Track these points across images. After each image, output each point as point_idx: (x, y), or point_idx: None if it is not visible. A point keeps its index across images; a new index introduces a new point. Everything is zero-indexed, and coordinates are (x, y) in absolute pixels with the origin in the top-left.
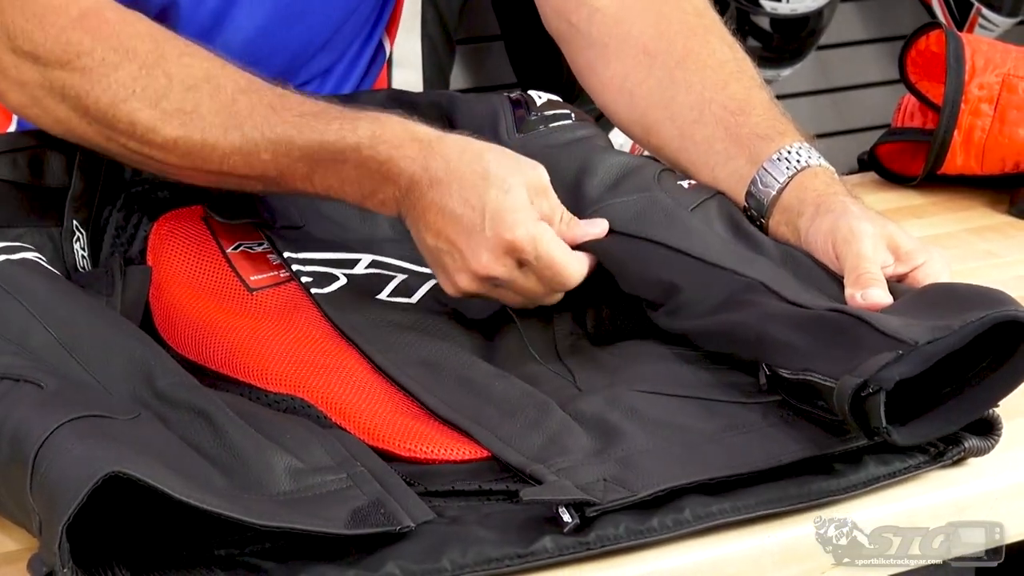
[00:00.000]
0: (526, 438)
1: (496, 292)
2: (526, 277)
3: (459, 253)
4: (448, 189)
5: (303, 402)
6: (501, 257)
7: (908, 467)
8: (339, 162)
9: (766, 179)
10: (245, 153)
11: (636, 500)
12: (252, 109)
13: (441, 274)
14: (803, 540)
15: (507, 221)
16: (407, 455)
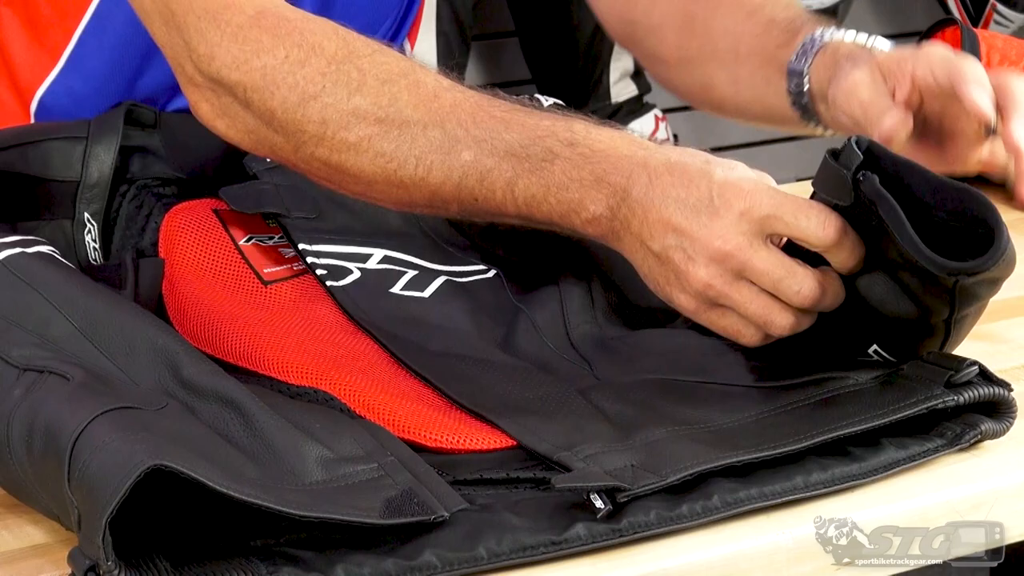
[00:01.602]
0: (550, 426)
1: (734, 296)
2: (770, 256)
3: (689, 239)
4: (672, 180)
5: (326, 395)
6: (740, 223)
7: (927, 450)
8: (547, 162)
9: (795, 80)
10: (445, 152)
11: (666, 484)
12: (455, 105)
13: (673, 282)
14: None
15: (739, 187)
16: (434, 445)
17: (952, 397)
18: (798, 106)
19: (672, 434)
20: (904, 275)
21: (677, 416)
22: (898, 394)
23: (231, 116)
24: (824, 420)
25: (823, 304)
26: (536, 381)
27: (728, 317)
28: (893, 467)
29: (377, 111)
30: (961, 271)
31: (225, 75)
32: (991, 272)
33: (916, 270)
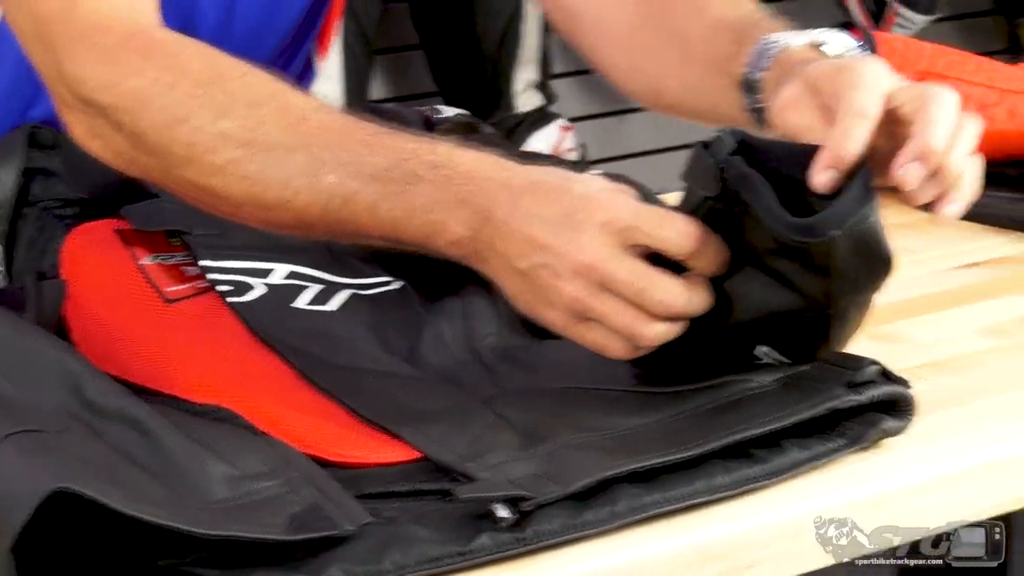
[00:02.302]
0: (454, 437)
1: (600, 309)
2: (632, 267)
3: (554, 254)
4: (533, 198)
5: (230, 412)
6: (601, 236)
7: (829, 450)
8: (411, 184)
9: (750, 93)
10: (310, 175)
11: (570, 492)
12: (322, 128)
13: (541, 299)
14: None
15: (599, 200)
16: (339, 460)
17: (853, 397)
18: (754, 115)
19: (576, 442)
20: (777, 262)
21: (580, 424)
22: (799, 395)
23: (104, 137)
24: (726, 423)
25: (688, 311)
26: (441, 393)
27: (596, 330)
28: (796, 468)
29: (244, 134)
30: (817, 225)
31: (96, 97)
32: (852, 226)
33: (787, 251)
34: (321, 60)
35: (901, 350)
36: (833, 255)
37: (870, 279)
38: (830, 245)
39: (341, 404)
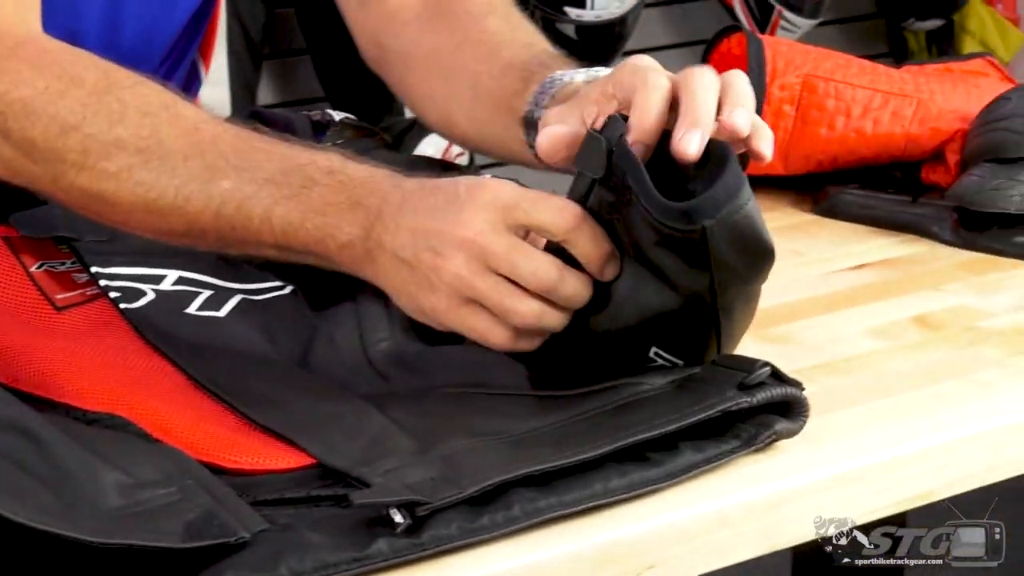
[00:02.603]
0: (348, 443)
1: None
2: (509, 241)
3: (437, 235)
4: (423, 193)
5: (122, 420)
6: (483, 212)
7: (723, 452)
8: (307, 188)
9: (532, 133)
10: (204, 181)
11: (465, 497)
12: (216, 137)
13: (424, 284)
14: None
15: (484, 184)
16: (233, 467)
17: (745, 399)
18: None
19: (471, 446)
20: (661, 257)
21: (475, 428)
22: (692, 398)
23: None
24: (620, 426)
25: (562, 290)
26: (334, 398)
27: (477, 314)
28: (691, 470)
29: (138, 141)
30: (691, 211)
31: None
32: (726, 216)
33: (668, 243)
34: (206, 66)
35: (791, 352)
36: (712, 246)
37: (753, 271)
38: (707, 237)
39: (234, 410)
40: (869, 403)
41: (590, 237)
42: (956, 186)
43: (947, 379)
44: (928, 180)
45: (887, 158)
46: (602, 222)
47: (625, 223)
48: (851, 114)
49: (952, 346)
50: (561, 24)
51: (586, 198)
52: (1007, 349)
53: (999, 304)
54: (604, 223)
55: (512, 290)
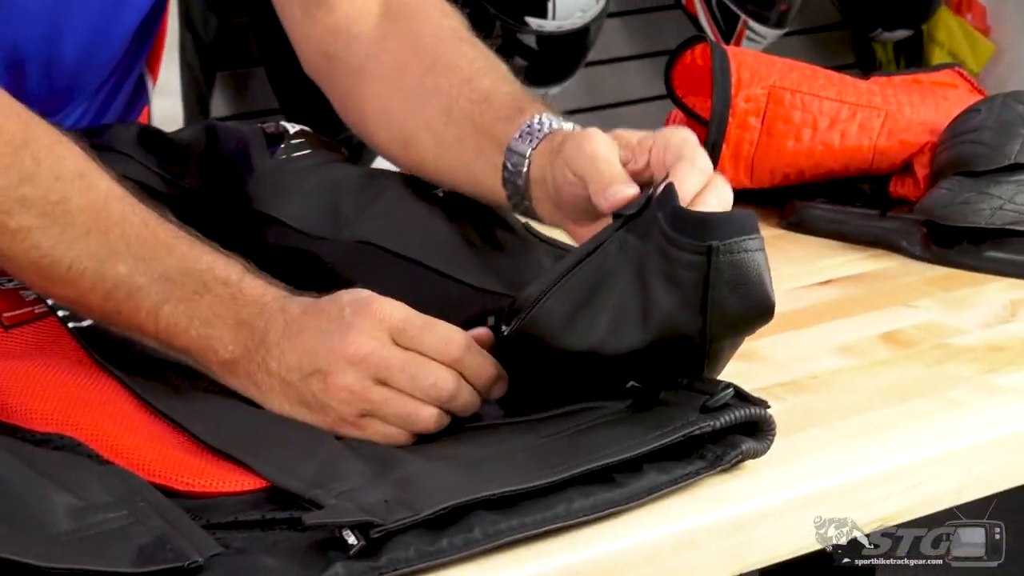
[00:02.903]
0: (302, 465)
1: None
2: (404, 354)
3: (324, 357)
4: (306, 317)
5: (72, 440)
6: (373, 330)
7: (688, 473)
8: (199, 294)
9: (514, 160)
10: (100, 261)
11: (420, 519)
12: (124, 218)
13: (315, 406)
14: (580, 564)
15: (369, 303)
16: (185, 489)
17: (708, 422)
18: (510, 184)
19: (427, 469)
20: (660, 294)
21: (433, 452)
22: (654, 422)
23: None
24: (581, 451)
25: (458, 400)
26: (288, 420)
27: (373, 425)
28: (655, 491)
29: (44, 205)
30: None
31: None
32: (733, 246)
33: (672, 274)
34: (154, 78)
35: (758, 369)
36: (712, 281)
37: (746, 323)
38: (710, 266)
39: (186, 431)
40: (837, 422)
41: (476, 364)
42: (925, 200)
43: (917, 397)
44: (897, 194)
45: (855, 171)
46: (615, 262)
47: (638, 263)
48: (818, 126)
49: (922, 364)
50: (522, 35)
51: (603, 240)
52: (978, 367)
53: (970, 320)
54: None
55: (409, 400)
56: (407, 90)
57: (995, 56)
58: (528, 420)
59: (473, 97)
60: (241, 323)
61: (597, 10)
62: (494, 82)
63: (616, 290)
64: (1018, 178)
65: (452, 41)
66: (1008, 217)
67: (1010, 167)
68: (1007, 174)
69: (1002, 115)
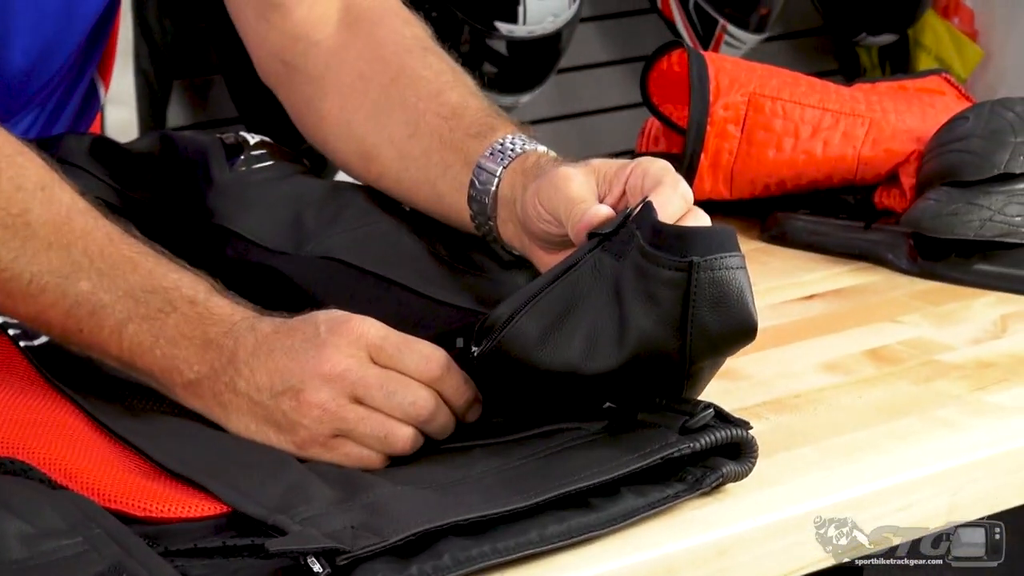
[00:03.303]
0: (264, 490)
1: (349, 417)
2: (382, 372)
3: (297, 375)
4: (278, 336)
5: (24, 465)
6: (348, 348)
7: (667, 496)
8: (164, 313)
9: (482, 177)
10: (63, 276)
11: (388, 545)
12: (86, 232)
13: (285, 426)
14: None
15: (347, 322)
16: (143, 515)
17: (688, 444)
18: (475, 202)
19: (395, 494)
20: (639, 315)
21: (401, 476)
22: (632, 444)
23: None
24: (556, 475)
25: (436, 421)
26: (250, 443)
27: (346, 446)
28: (632, 516)
29: (5, 217)
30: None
31: None
32: (715, 262)
33: (652, 291)
34: (106, 85)
35: (740, 388)
36: (694, 298)
37: (727, 343)
38: (691, 283)
39: (143, 454)
40: (821, 442)
41: (455, 385)
42: (912, 211)
43: (904, 416)
44: (882, 205)
45: (838, 181)
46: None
47: (613, 283)
48: (800, 135)
49: (909, 381)
50: (491, 40)
51: (578, 260)
52: (967, 384)
53: (959, 336)
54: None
55: (385, 419)
56: (369, 102)
57: (983, 61)
58: (501, 442)
59: (441, 111)
60: (208, 343)
61: (570, 14)
62: (463, 96)
63: (591, 310)
64: (1008, 188)
65: (417, 51)
66: (998, 229)
67: (999, 177)
68: (996, 184)
69: (991, 123)
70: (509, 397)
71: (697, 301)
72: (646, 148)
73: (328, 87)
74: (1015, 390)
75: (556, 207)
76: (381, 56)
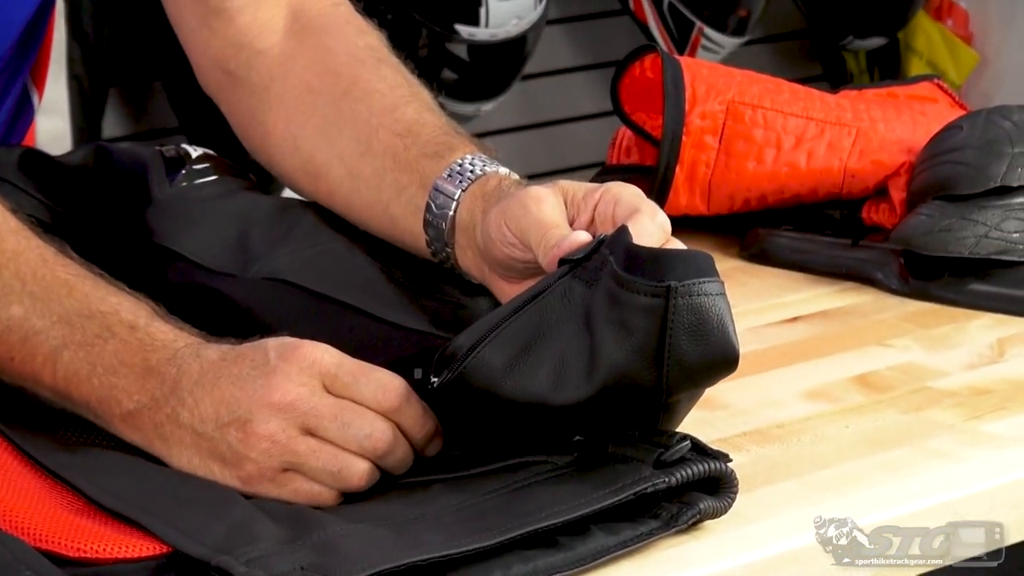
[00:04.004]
0: (208, 528)
1: (300, 450)
2: (336, 402)
3: (244, 405)
4: (225, 363)
5: None
6: (300, 376)
7: (640, 535)
8: (102, 340)
9: (439, 201)
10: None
11: None
12: (18, 254)
13: (230, 460)
14: None
15: (299, 348)
16: (76, 555)
17: (663, 479)
18: (432, 227)
19: (349, 531)
20: (613, 347)
21: (355, 513)
22: (603, 478)
23: None
24: (521, 512)
25: (390, 460)
26: (192, 478)
27: (295, 481)
28: (603, 555)
29: None
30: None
31: None
32: (692, 288)
33: (627, 320)
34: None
35: (719, 417)
36: (671, 328)
37: (706, 375)
38: (668, 311)
39: (77, 491)
40: (805, 476)
41: (414, 416)
42: (902, 227)
43: (894, 447)
44: (870, 221)
45: (823, 196)
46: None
47: (584, 311)
48: (782, 146)
49: (899, 410)
50: (451, 44)
51: (549, 287)
52: (961, 412)
53: (952, 361)
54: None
55: (339, 452)
56: (318, 116)
57: (979, 66)
58: (463, 476)
59: (395, 128)
60: (150, 371)
61: (535, 16)
62: (419, 112)
63: (559, 340)
64: (1005, 202)
65: (370, 62)
66: (994, 246)
67: (996, 190)
68: (992, 198)
69: (987, 132)
70: (471, 429)
71: (674, 329)
72: (617, 160)
73: (273, 99)
74: (1013, 418)
75: (525, 230)
76: (331, 67)
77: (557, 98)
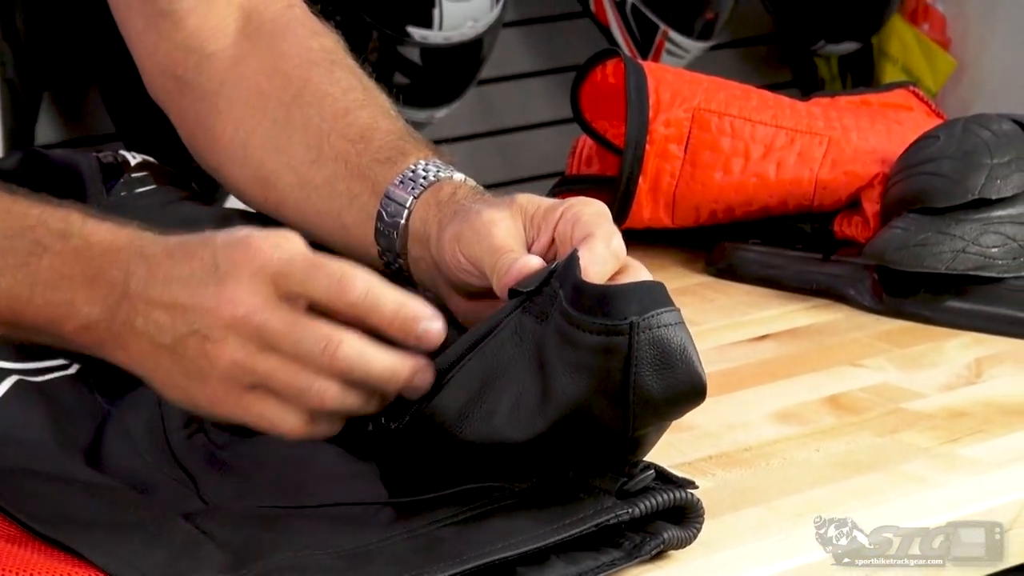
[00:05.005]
0: (147, 555)
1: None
2: (289, 316)
3: (200, 316)
4: (172, 262)
5: None
6: (251, 284)
7: (601, 565)
8: (35, 256)
9: (391, 209)
10: None
11: None
12: None
13: (194, 374)
14: None
15: (245, 246)
16: None
17: (625, 510)
18: (383, 237)
19: (296, 559)
20: (571, 385)
21: (303, 540)
22: (563, 509)
23: None
24: (477, 541)
25: (369, 370)
26: (129, 502)
27: (264, 400)
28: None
29: None
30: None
31: None
32: (652, 320)
33: (584, 357)
34: None
35: (683, 440)
36: (634, 363)
37: (675, 407)
38: (631, 347)
39: (7, 516)
40: (774, 501)
41: (382, 306)
42: (875, 241)
43: (868, 472)
44: (842, 234)
45: (793, 208)
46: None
47: (536, 350)
48: (750, 155)
49: (873, 432)
50: (403, 47)
51: (500, 322)
52: (937, 435)
53: (928, 382)
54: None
55: (301, 370)
56: (268, 122)
57: (956, 73)
58: (415, 501)
59: (348, 134)
60: (93, 279)
61: (492, 18)
62: (373, 117)
63: (514, 382)
64: (983, 215)
65: (324, 65)
66: (971, 261)
67: (974, 203)
68: (970, 211)
69: (964, 142)
70: (429, 467)
71: (637, 365)
72: (577, 170)
73: (223, 105)
74: (991, 442)
75: (479, 256)
76: (282, 70)
77: (514, 104)
